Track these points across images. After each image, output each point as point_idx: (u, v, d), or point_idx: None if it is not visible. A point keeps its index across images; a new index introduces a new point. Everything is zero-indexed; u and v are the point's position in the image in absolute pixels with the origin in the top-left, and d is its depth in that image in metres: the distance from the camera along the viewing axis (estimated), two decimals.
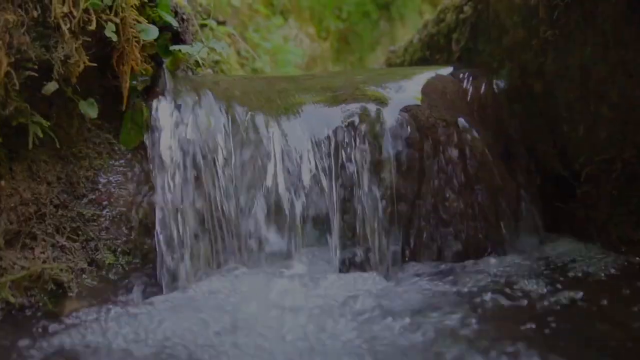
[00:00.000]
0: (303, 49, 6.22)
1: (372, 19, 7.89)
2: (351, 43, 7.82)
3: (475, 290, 1.18)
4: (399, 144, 1.51)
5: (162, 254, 1.34)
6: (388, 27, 8.05)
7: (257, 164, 1.48)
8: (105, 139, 1.48)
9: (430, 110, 1.57)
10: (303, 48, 6.29)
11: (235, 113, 1.52)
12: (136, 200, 1.46)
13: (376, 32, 7.87)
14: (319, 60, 7.38)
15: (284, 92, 1.62)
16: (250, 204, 1.46)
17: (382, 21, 7.99)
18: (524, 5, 1.59)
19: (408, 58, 2.71)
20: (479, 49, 1.98)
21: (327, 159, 1.50)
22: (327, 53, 7.54)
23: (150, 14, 1.56)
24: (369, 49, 7.86)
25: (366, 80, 1.75)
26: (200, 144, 1.47)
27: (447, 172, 1.51)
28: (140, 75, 1.52)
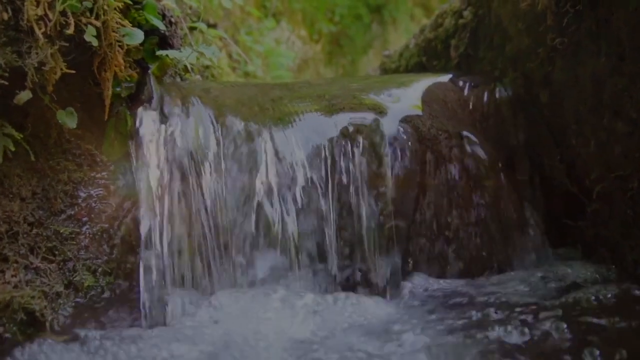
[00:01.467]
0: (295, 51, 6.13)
1: (364, 22, 7.82)
2: (343, 46, 7.74)
3: (478, 320, 1.08)
4: (399, 157, 1.41)
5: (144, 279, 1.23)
6: (380, 30, 7.98)
7: (248, 177, 1.38)
8: (87, 149, 1.37)
9: (432, 121, 1.47)
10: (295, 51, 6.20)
11: (226, 123, 1.41)
12: (119, 216, 1.35)
13: (368, 35, 7.80)
14: (311, 62, 7.29)
15: (278, 100, 1.52)
16: (240, 220, 1.36)
17: (374, 24, 7.93)
18: (529, 11, 1.50)
19: (404, 63, 2.62)
20: (480, 56, 1.89)
21: (322, 172, 1.40)
22: (319, 56, 7.45)
23: (136, 17, 1.45)
24: (361, 52, 7.79)
25: (363, 88, 1.66)
26: (188, 155, 1.37)
27: (449, 186, 1.42)
28: (125, 82, 1.42)
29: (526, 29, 1.54)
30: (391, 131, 1.43)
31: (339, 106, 1.50)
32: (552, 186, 1.50)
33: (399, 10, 8.00)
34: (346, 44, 7.70)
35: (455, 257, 1.38)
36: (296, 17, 6.82)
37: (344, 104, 1.51)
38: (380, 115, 1.47)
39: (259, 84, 1.65)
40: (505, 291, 1.26)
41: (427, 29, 2.35)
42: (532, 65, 1.54)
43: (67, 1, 1.06)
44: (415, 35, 2.56)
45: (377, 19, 7.95)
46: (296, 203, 1.38)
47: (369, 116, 1.47)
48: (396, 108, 1.53)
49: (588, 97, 1.32)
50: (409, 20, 8.15)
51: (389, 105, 1.53)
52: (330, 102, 1.52)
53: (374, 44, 7.96)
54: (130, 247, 1.33)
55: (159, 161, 1.34)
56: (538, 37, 1.49)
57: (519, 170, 1.59)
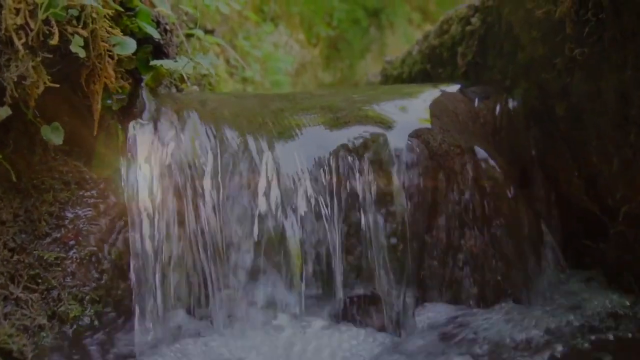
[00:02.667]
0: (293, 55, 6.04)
1: (362, 26, 7.75)
2: (341, 50, 7.67)
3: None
4: (408, 174, 1.32)
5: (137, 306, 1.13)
6: (378, 35, 7.91)
7: (248, 196, 1.28)
8: (74, 166, 1.27)
9: (443, 135, 1.38)
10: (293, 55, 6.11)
11: (224, 137, 1.31)
12: (109, 238, 1.25)
13: (366, 39, 7.72)
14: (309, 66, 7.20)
15: (279, 113, 1.42)
16: (240, 241, 1.26)
17: (372, 28, 7.85)
18: (545, 19, 1.41)
19: (406, 70, 2.52)
20: (489, 65, 1.80)
21: (327, 191, 1.30)
22: (317, 60, 7.36)
23: (128, 25, 1.35)
24: (359, 56, 7.71)
25: (367, 100, 1.56)
26: (183, 172, 1.27)
27: (462, 205, 1.32)
28: (116, 94, 1.31)
29: (541, 37, 1.45)
30: (400, 146, 1.33)
31: (343, 119, 1.40)
32: (569, 204, 1.40)
33: (397, 15, 7.93)
34: (344, 48, 7.63)
35: (469, 281, 1.29)
36: (294, 21, 6.74)
37: (349, 117, 1.41)
38: (388, 129, 1.38)
39: (258, 94, 1.55)
40: (524, 324, 1.16)
41: (432, 36, 2.26)
42: (548, 75, 1.45)
43: (50, 9, 0.96)
44: (419, 42, 2.47)
45: (374, 23, 7.88)
46: (299, 223, 1.28)
47: (376, 130, 1.37)
48: (404, 121, 1.43)
49: (611, 111, 1.22)
50: (406, 24, 8.09)
51: (396, 118, 1.43)
52: (335, 114, 1.42)
53: (372, 48, 7.88)
54: (121, 271, 1.22)
55: (152, 178, 1.24)
56: (555, 46, 1.39)
57: (533, 186, 1.49)
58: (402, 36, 8.03)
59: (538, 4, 1.41)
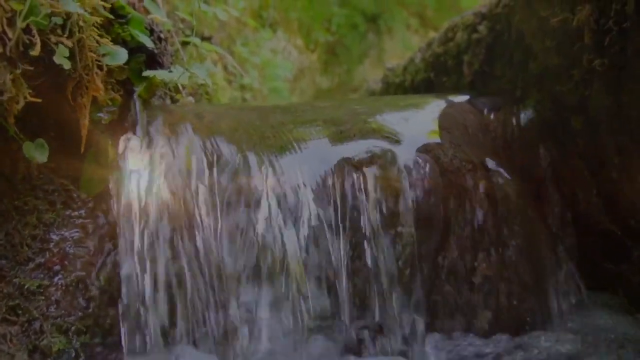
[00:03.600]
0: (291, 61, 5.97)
1: (360, 32, 7.69)
2: (339, 55, 7.60)
3: None
4: (418, 192, 1.23)
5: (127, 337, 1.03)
6: (376, 40, 7.85)
7: (247, 216, 1.18)
8: (61, 185, 1.17)
9: (454, 150, 1.29)
10: (291, 60, 6.04)
11: (222, 153, 1.22)
12: (97, 261, 1.15)
13: (364, 45, 7.66)
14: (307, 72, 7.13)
15: (279, 126, 1.33)
16: (238, 265, 1.16)
17: (370, 34, 7.80)
18: (560, 28, 1.32)
19: (409, 78, 2.44)
20: (497, 74, 1.71)
21: (331, 209, 1.21)
22: (315, 65, 7.29)
23: (120, 33, 1.25)
24: (356, 61, 7.65)
25: (372, 112, 1.47)
26: (177, 190, 1.17)
27: (475, 225, 1.23)
28: (106, 107, 1.22)
29: (556, 46, 1.36)
30: (408, 162, 1.24)
31: (347, 133, 1.31)
32: (587, 224, 1.31)
33: (395, 20, 7.88)
34: (342, 53, 7.57)
35: (483, 307, 1.19)
36: (292, 27, 6.67)
37: (354, 131, 1.32)
38: (395, 144, 1.29)
39: (257, 107, 1.46)
40: (543, 352, 1.07)
41: (435, 43, 2.17)
42: (563, 87, 1.36)
43: (30, 17, 0.86)
44: (422, 49, 2.38)
45: (372, 29, 7.83)
46: (302, 244, 1.18)
47: (383, 145, 1.28)
48: (411, 135, 1.34)
49: (634, 127, 1.14)
50: (404, 29, 8.03)
51: (403, 131, 1.34)
52: (338, 128, 1.33)
53: (370, 53, 7.82)
54: (110, 298, 1.13)
55: (144, 197, 1.15)
56: (571, 56, 1.31)
57: (547, 204, 1.40)
58: (400, 41, 7.98)
59: (553, 12, 1.32)
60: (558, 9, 1.31)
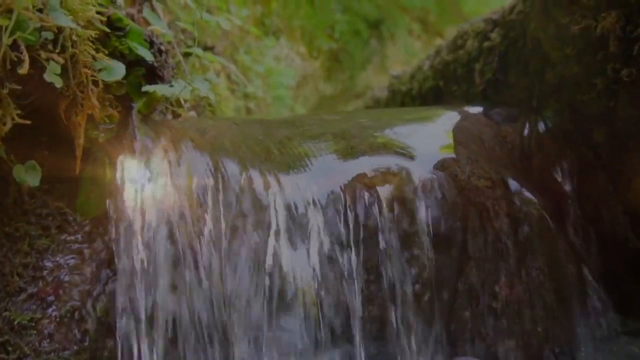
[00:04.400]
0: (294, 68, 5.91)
1: (363, 38, 7.64)
2: (342, 62, 7.55)
3: None
4: (435, 212, 1.14)
5: None
6: (378, 46, 7.80)
7: (253, 240, 1.10)
8: (56, 207, 1.09)
9: (471, 166, 1.20)
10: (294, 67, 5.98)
11: (226, 172, 1.14)
12: (94, 290, 1.07)
13: (367, 51, 7.61)
14: (310, 79, 7.07)
15: (286, 142, 1.25)
16: (246, 293, 1.08)
17: (373, 40, 7.74)
18: (581, 35, 1.24)
19: (416, 86, 2.36)
20: (510, 83, 1.63)
21: (343, 231, 1.13)
22: (318, 72, 7.24)
23: (117, 46, 1.18)
24: (359, 67, 7.59)
25: (381, 125, 1.39)
26: (179, 213, 1.09)
27: (497, 247, 1.14)
28: (103, 124, 1.15)
29: (576, 55, 1.28)
30: (424, 180, 1.16)
31: (358, 149, 1.23)
32: (613, 243, 1.23)
33: (397, 26, 7.82)
34: (345, 59, 7.51)
35: (506, 334, 1.11)
36: (295, 34, 6.62)
37: (364, 147, 1.24)
38: (409, 160, 1.20)
39: (263, 121, 1.38)
40: None
41: (444, 51, 2.09)
42: (584, 97, 1.28)
43: (17, 32, 0.79)
44: (430, 57, 2.30)
45: (375, 35, 7.78)
46: (313, 270, 1.10)
47: (395, 161, 1.20)
48: (425, 150, 1.26)
49: None
50: (407, 35, 7.97)
51: (416, 146, 1.26)
52: (348, 143, 1.25)
53: (373, 60, 7.76)
54: (107, 329, 1.04)
55: (143, 221, 1.07)
56: (593, 65, 1.23)
57: (568, 221, 1.32)
58: (403, 47, 7.92)
59: (574, 19, 1.24)
60: (579, 16, 1.23)
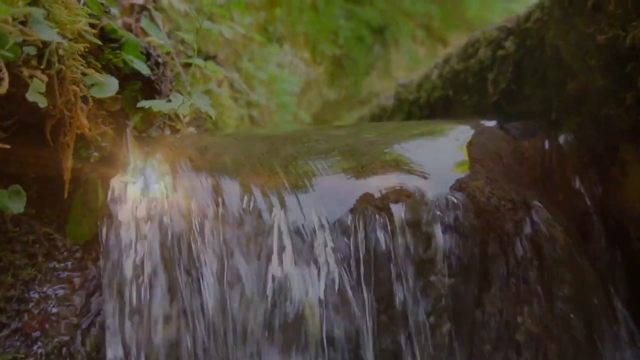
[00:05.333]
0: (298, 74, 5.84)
1: (367, 44, 7.58)
2: (346, 67, 7.49)
3: None
4: (452, 236, 1.05)
5: None
6: (382, 52, 7.74)
7: (256, 267, 1.01)
8: (44, 234, 1.01)
9: (491, 187, 1.11)
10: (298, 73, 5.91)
11: (226, 194, 1.05)
12: (84, 322, 0.99)
13: (370, 57, 7.55)
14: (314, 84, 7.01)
15: (292, 160, 1.16)
16: (248, 324, 0.99)
17: (377, 46, 7.69)
18: (607, 46, 1.15)
19: (424, 95, 2.26)
20: (526, 94, 1.54)
21: (353, 257, 1.04)
22: (322, 77, 7.17)
23: (112, 59, 1.10)
24: (363, 73, 7.53)
25: (391, 140, 1.31)
26: (176, 239, 1.00)
27: (519, 273, 1.05)
28: (96, 142, 1.06)
29: (602, 66, 1.19)
30: (440, 202, 1.06)
31: (368, 168, 1.14)
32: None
33: (401, 32, 7.76)
34: (349, 65, 7.45)
35: None
36: (299, 40, 6.55)
37: (375, 165, 1.15)
38: (422, 180, 1.11)
39: (267, 136, 1.29)
40: None
41: (454, 59, 2.00)
42: (610, 111, 1.19)
43: None
44: (438, 65, 2.21)
45: (379, 41, 7.72)
46: (320, 299, 1.01)
47: (408, 181, 1.11)
48: (439, 168, 1.17)
49: None
50: (410, 41, 7.91)
51: (429, 164, 1.17)
52: (357, 161, 1.16)
53: (377, 66, 7.70)
54: None
55: (136, 248, 0.98)
56: (622, 77, 1.13)
57: (592, 242, 1.23)
58: (407, 53, 7.85)
59: (600, 28, 1.15)
60: (605, 25, 1.14)
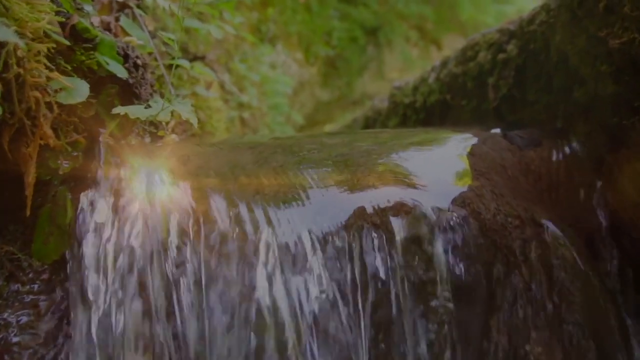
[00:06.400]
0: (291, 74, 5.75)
1: (360, 45, 7.51)
2: (339, 68, 7.41)
3: None
4: (455, 256, 0.96)
5: None
6: (375, 53, 7.67)
7: (240, 288, 0.91)
8: (6, 253, 0.90)
9: (496, 202, 1.02)
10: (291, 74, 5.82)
11: (209, 210, 0.95)
12: (50, 354, 0.88)
13: (364, 58, 7.48)
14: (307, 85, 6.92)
15: (282, 170, 1.06)
16: (230, 356, 0.89)
17: (370, 46, 7.61)
18: (621, 51, 1.06)
19: (420, 99, 2.18)
20: (529, 100, 1.45)
21: (348, 279, 0.94)
22: (315, 78, 7.09)
23: (85, 60, 0.99)
24: (356, 73, 7.46)
25: (387, 149, 1.21)
26: (152, 260, 0.90)
27: (527, 297, 0.96)
28: (65, 153, 0.96)
29: (614, 72, 1.10)
30: (442, 218, 0.97)
31: (363, 180, 1.04)
32: None
33: (394, 33, 7.70)
34: (342, 66, 7.38)
35: None
36: (292, 40, 6.45)
37: (370, 177, 1.05)
38: (422, 193, 1.02)
39: (255, 144, 1.19)
40: None
41: (452, 63, 1.91)
42: (623, 120, 1.10)
43: None
44: (435, 68, 2.12)
45: (372, 41, 7.65)
46: (310, 327, 0.91)
47: (408, 195, 1.01)
48: (440, 181, 1.08)
49: None
50: (404, 42, 7.84)
51: (429, 176, 1.07)
52: (352, 172, 1.07)
53: (370, 66, 7.63)
54: None
55: (106, 271, 0.88)
56: (636, 84, 1.05)
57: (603, 259, 1.14)
58: (400, 54, 7.78)
59: (613, 31, 1.06)
60: (619, 28, 1.05)
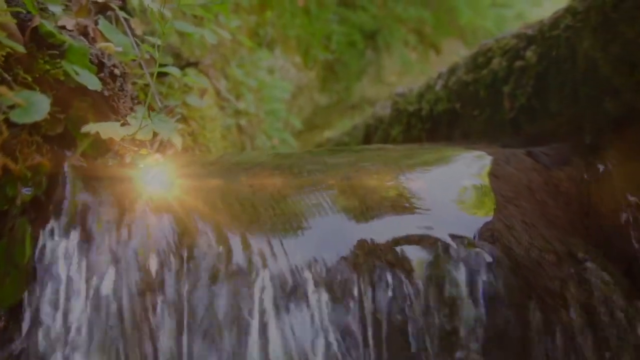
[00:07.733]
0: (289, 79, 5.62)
1: (359, 49, 7.39)
2: (337, 72, 7.29)
3: None
4: (483, 300, 0.81)
5: None
6: (374, 57, 7.55)
7: (231, 343, 0.76)
8: None
9: (529, 235, 0.87)
10: (289, 78, 5.69)
11: (195, 247, 0.80)
12: None
13: (362, 62, 7.36)
14: (305, 89, 6.80)
15: (280, 197, 0.91)
16: None
17: (369, 50, 7.49)
18: None
19: (426, 107, 2.03)
20: (551, 111, 1.31)
21: (358, 327, 0.79)
22: (314, 82, 6.96)
23: (50, 70, 0.84)
24: (355, 78, 7.34)
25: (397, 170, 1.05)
26: (127, 308, 0.75)
27: (569, 348, 0.81)
28: (25, 178, 0.80)
29: None
30: (469, 257, 0.82)
31: (375, 208, 0.89)
32: None
33: (393, 37, 7.58)
34: (340, 70, 7.26)
35: None
36: (290, 44, 6.32)
37: (381, 204, 0.90)
38: (443, 225, 0.87)
39: (251, 165, 1.04)
40: None
41: (462, 70, 1.77)
42: None
43: None
44: (442, 75, 1.97)
45: (371, 46, 7.53)
46: None
47: (426, 226, 0.86)
48: (463, 209, 0.93)
49: None
50: (403, 46, 7.73)
51: (450, 203, 0.93)
52: (360, 199, 0.92)
53: (368, 70, 7.51)
54: None
55: (69, 324, 0.73)
56: None
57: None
58: (399, 58, 7.67)
59: None
60: None
